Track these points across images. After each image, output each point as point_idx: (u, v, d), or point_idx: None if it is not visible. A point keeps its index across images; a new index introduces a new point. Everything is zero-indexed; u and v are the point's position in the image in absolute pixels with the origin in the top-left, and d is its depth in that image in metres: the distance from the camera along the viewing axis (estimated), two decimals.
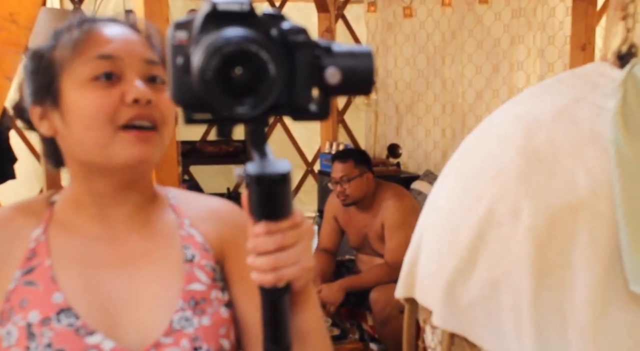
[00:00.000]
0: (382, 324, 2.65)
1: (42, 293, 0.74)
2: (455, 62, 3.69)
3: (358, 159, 2.81)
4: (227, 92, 0.52)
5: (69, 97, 0.74)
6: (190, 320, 0.78)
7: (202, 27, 0.54)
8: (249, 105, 0.52)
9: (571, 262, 1.08)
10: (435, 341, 1.29)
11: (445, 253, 1.21)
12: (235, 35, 0.51)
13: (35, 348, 0.71)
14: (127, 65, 0.74)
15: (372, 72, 0.56)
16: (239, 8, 0.54)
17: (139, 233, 0.81)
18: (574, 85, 1.26)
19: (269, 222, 0.58)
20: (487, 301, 1.14)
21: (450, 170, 1.35)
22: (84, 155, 0.75)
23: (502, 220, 1.15)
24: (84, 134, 0.73)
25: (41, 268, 0.75)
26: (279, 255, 0.58)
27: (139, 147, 0.73)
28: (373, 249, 2.88)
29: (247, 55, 0.51)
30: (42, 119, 0.78)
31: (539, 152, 1.16)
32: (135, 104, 0.72)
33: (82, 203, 0.79)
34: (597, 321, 1.04)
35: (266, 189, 0.57)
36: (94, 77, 0.73)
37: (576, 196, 1.10)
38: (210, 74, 0.51)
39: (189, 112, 0.56)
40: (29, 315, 0.73)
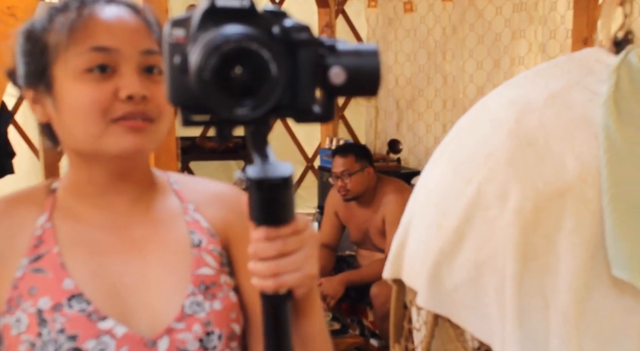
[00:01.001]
0: (383, 319, 2.64)
1: (52, 280, 0.73)
2: (456, 57, 3.67)
3: (359, 154, 2.81)
4: (226, 92, 0.49)
5: (61, 86, 0.72)
6: (201, 304, 0.77)
7: (201, 25, 0.51)
8: (249, 106, 0.50)
9: (556, 246, 1.07)
10: (420, 322, 1.28)
11: (432, 235, 1.21)
12: (234, 33, 0.48)
13: (47, 333, 0.70)
14: (123, 57, 0.72)
15: (379, 72, 0.53)
16: (239, 4, 0.52)
17: (143, 220, 0.80)
18: (569, 69, 1.25)
19: (269, 228, 0.56)
20: (471, 283, 1.14)
21: (442, 152, 1.35)
22: (76, 145, 0.75)
23: (490, 203, 1.14)
24: (76, 125, 0.72)
25: (49, 256, 0.75)
26: (280, 262, 0.57)
27: (131, 137, 0.72)
28: (374, 244, 2.87)
29: (247, 54, 0.49)
30: (35, 103, 0.76)
31: (529, 135, 1.15)
32: (129, 100, 0.71)
33: (83, 190, 0.79)
34: (579, 306, 1.04)
35: (267, 193, 0.54)
36: (87, 69, 0.71)
37: (564, 181, 1.09)
38: (209, 73, 0.48)
39: (186, 114, 0.54)
40: (39, 302, 0.72)
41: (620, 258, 0.98)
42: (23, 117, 3.69)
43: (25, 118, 3.70)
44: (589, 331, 1.03)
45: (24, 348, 0.70)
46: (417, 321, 1.31)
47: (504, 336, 1.08)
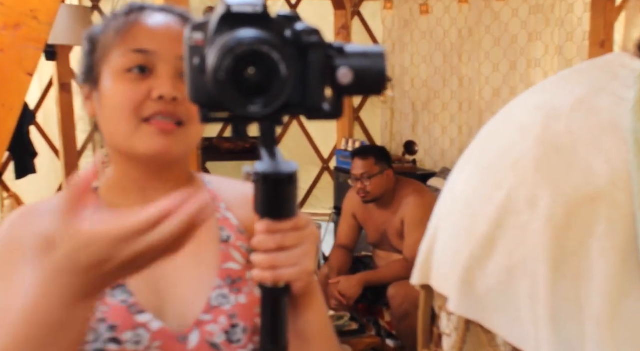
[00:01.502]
0: (400, 319, 2.65)
1: None
2: (472, 59, 3.68)
3: (379, 156, 2.83)
4: (239, 91, 0.53)
5: (105, 83, 0.78)
6: (227, 297, 0.80)
7: (217, 29, 0.55)
8: (261, 104, 0.53)
9: (588, 251, 1.08)
10: (450, 328, 1.29)
11: (462, 240, 1.22)
12: (247, 36, 0.52)
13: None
14: (161, 59, 0.76)
15: (385, 73, 0.57)
16: (252, 10, 0.55)
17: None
18: (594, 75, 1.26)
19: (270, 221, 0.59)
20: (503, 288, 1.15)
21: (467, 159, 1.36)
22: (113, 141, 0.79)
23: (520, 209, 1.15)
24: (113, 121, 0.77)
25: None
26: (278, 255, 0.59)
27: (160, 139, 0.75)
28: (392, 246, 2.89)
29: (259, 56, 0.53)
30: (87, 99, 0.82)
31: (557, 141, 1.16)
32: (160, 100, 0.75)
33: (125, 187, 0.82)
34: (613, 310, 1.04)
35: (271, 188, 0.58)
36: (127, 69, 0.76)
37: (594, 186, 1.10)
38: (223, 73, 0.52)
39: (205, 111, 0.57)
40: None
41: None
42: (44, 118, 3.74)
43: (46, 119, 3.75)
44: (624, 335, 1.04)
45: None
46: (448, 326, 1.33)
47: (537, 340, 1.09)
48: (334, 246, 3.08)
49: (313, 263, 0.64)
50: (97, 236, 0.55)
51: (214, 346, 0.78)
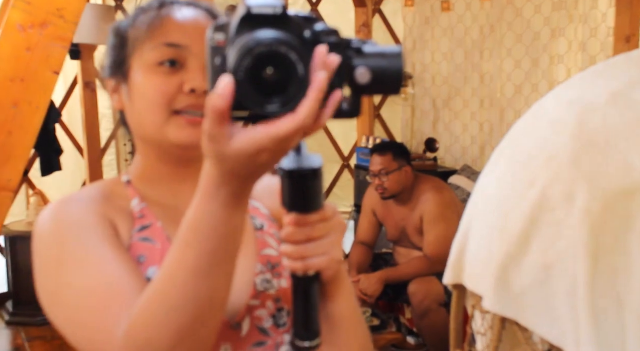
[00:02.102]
0: (421, 316, 2.65)
1: (159, 250, 0.77)
2: (493, 56, 3.66)
3: (397, 152, 2.82)
4: (258, 91, 0.54)
5: (135, 77, 0.78)
6: (270, 282, 0.81)
7: (238, 29, 0.56)
8: (279, 103, 0.54)
9: (627, 246, 1.07)
10: (485, 327, 1.29)
11: (496, 238, 1.21)
12: (266, 37, 0.53)
13: None
14: (192, 54, 0.77)
15: (402, 73, 0.58)
16: (272, 11, 0.56)
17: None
18: (628, 69, 1.25)
19: (299, 214, 0.62)
20: (540, 286, 1.14)
21: (499, 157, 1.35)
22: (143, 132, 0.80)
23: (556, 205, 1.14)
24: (144, 114, 0.78)
25: (155, 228, 0.79)
26: (308, 246, 0.62)
27: (190, 131, 0.76)
28: (411, 242, 2.88)
29: (277, 57, 0.54)
30: (114, 93, 0.83)
31: (593, 136, 1.15)
32: (192, 93, 0.76)
33: (154, 177, 0.83)
34: None
35: (297, 183, 0.60)
36: (159, 63, 0.77)
37: (632, 180, 1.09)
38: (242, 73, 0.53)
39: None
40: (148, 270, 0.76)
41: None
42: (68, 116, 3.78)
43: (71, 117, 3.79)
44: None
45: None
46: (482, 326, 1.32)
47: (578, 338, 1.08)
48: (354, 243, 3.09)
49: (341, 252, 0.66)
50: (261, 141, 0.54)
51: (263, 331, 0.79)
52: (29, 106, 2.14)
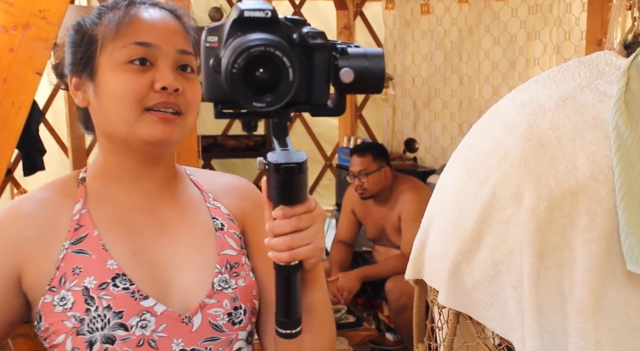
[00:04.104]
0: (398, 313, 2.70)
1: (95, 261, 0.80)
2: (472, 58, 3.72)
3: (376, 153, 2.87)
4: (250, 89, 0.58)
5: (104, 75, 0.80)
6: (228, 282, 0.85)
7: (231, 32, 0.61)
8: (269, 101, 0.59)
9: (571, 243, 1.12)
10: (442, 321, 1.34)
11: (451, 235, 1.26)
12: (258, 39, 0.58)
13: (95, 310, 0.77)
14: (162, 53, 0.80)
15: (383, 73, 0.63)
16: (263, 15, 0.61)
17: (171, 205, 0.88)
18: (580, 73, 1.30)
19: (285, 207, 0.64)
20: (490, 281, 1.19)
21: (457, 155, 1.40)
22: (110, 129, 0.82)
23: (505, 204, 1.19)
24: (113, 111, 0.80)
25: (90, 238, 0.82)
26: (294, 236, 0.65)
27: (161, 127, 0.79)
28: (390, 241, 2.94)
29: (268, 58, 0.58)
30: (78, 90, 0.84)
31: (542, 137, 1.20)
32: (163, 91, 0.79)
33: (115, 175, 0.85)
34: (595, 300, 1.08)
35: (283, 176, 0.63)
36: (129, 61, 0.79)
37: (577, 180, 1.14)
38: (236, 72, 0.58)
39: (219, 108, 0.64)
40: (84, 281, 0.79)
41: (635, 253, 1.03)
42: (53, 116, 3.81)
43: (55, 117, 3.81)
44: (606, 325, 1.08)
45: (71, 323, 0.77)
46: (440, 320, 1.37)
47: (523, 331, 1.13)
48: (334, 241, 3.14)
49: (323, 241, 0.70)
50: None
51: (216, 327, 0.83)
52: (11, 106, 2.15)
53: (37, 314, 0.80)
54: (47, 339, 0.80)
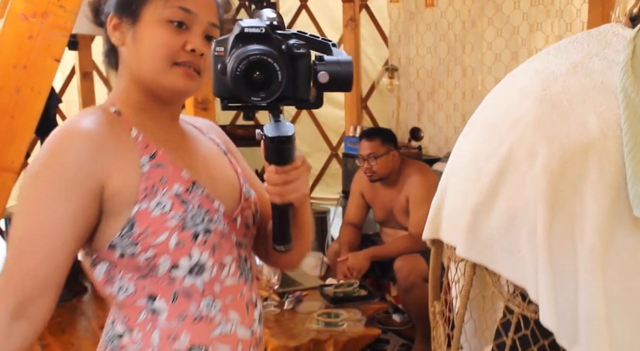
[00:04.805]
0: (406, 291, 2.79)
1: (173, 172, 0.94)
2: (475, 50, 3.81)
3: (385, 138, 2.97)
4: (248, 87, 0.79)
5: (145, 25, 0.93)
6: (249, 191, 1.05)
7: (234, 44, 0.81)
8: (262, 97, 0.79)
9: (582, 195, 1.21)
10: (458, 275, 1.43)
11: (469, 192, 1.35)
12: (255, 50, 0.79)
13: (190, 209, 0.93)
14: (198, 21, 0.94)
15: (352, 75, 0.82)
16: (259, 31, 0.81)
17: (184, 136, 1.04)
18: (588, 43, 1.39)
19: (277, 166, 0.86)
20: (506, 232, 1.27)
21: (472, 124, 1.49)
22: (139, 71, 0.95)
23: (520, 161, 1.28)
24: (146, 58, 0.93)
25: (160, 155, 0.95)
26: (284, 187, 0.87)
27: (184, 80, 0.93)
28: (398, 223, 3.02)
29: (263, 64, 0.78)
30: (116, 30, 0.96)
31: (554, 100, 1.29)
32: (192, 53, 0.93)
33: (142, 109, 0.98)
34: (604, 245, 1.16)
35: (275, 146, 0.83)
36: (170, 20, 0.92)
37: (587, 137, 1.23)
38: (238, 75, 0.78)
39: (225, 102, 0.85)
40: (173, 188, 0.93)
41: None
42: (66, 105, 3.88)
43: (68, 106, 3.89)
44: (613, 267, 1.16)
45: (175, 222, 0.91)
46: (456, 274, 1.46)
47: (536, 277, 1.22)
48: (343, 224, 3.22)
49: (307, 188, 0.92)
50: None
51: (247, 226, 1.04)
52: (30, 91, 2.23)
53: (128, 222, 0.90)
54: (140, 243, 0.90)
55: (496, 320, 1.34)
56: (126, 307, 0.95)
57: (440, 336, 1.50)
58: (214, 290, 0.96)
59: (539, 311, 1.17)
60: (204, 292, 0.95)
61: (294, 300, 2.32)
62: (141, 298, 0.94)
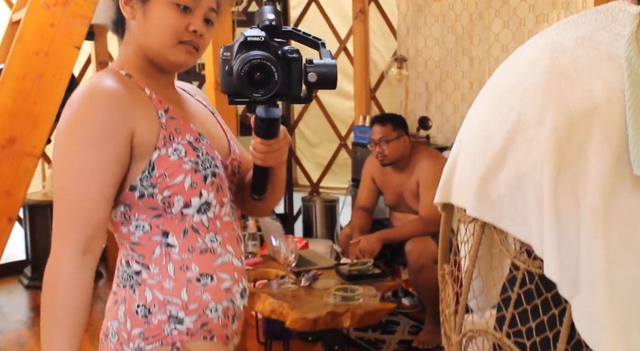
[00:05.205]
0: (417, 273, 2.86)
1: (183, 124, 1.10)
2: (482, 41, 3.88)
3: (396, 123, 3.04)
4: (250, 85, 0.96)
5: (155, 5, 1.08)
6: (233, 146, 1.23)
7: (238, 49, 0.99)
8: (261, 93, 0.97)
9: (586, 155, 1.27)
10: (468, 235, 1.50)
11: (479, 156, 1.42)
12: (256, 55, 0.97)
13: (201, 154, 1.11)
14: (201, 6, 1.09)
15: (336, 76, 1.00)
16: (259, 39, 0.99)
17: (180, 99, 1.20)
18: (596, 18, 1.47)
19: (263, 140, 1.06)
20: (514, 192, 1.34)
21: (483, 94, 1.57)
22: (146, 43, 1.10)
23: (529, 126, 1.35)
24: (155, 34, 1.08)
25: (172, 109, 1.11)
26: (267, 154, 1.09)
27: (185, 56, 1.10)
28: (408, 207, 3.09)
29: (263, 66, 0.96)
30: (127, 4, 1.11)
31: (562, 69, 1.36)
32: (194, 33, 1.08)
33: (146, 74, 1.13)
34: (606, 203, 1.23)
35: (266, 125, 1.03)
36: (177, 3, 1.07)
37: (593, 102, 1.30)
38: (242, 75, 0.96)
39: (231, 97, 1.02)
40: (185, 137, 1.09)
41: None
42: None
43: None
44: (614, 223, 1.23)
45: (189, 165, 1.08)
46: (465, 234, 1.54)
47: (541, 233, 1.29)
48: (355, 208, 3.30)
49: (285, 156, 1.13)
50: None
51: (234, 174, 1.23)
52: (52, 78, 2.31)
53: (149, 165, 1.06)
54: (159, 184, 1.06)
55: (503, 277, 1.41)
56: (141, 245, 1.10)
57: (448, 296, 1.57)
58: (216, 226, 1.14)
59: (543, 267, 1.24)
60: (208, 228, 1.12)
61: (310, 278, 2.39)
62: (156, 235, 1.09)
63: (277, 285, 2.38)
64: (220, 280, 1.13)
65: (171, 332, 1.08)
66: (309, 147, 4.73)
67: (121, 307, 1.10)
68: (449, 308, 1.56)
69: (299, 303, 2.20)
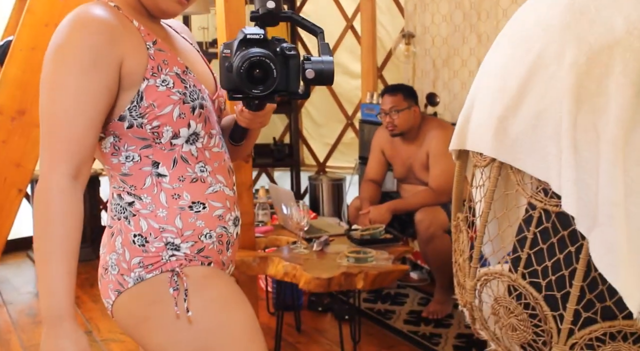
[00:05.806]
0: (427, 242, 2.85)
1: (171, 56, 1.11)
2: (490, 17, 3.85)
3: (406, 93, 3.04)
4: (250, 81, 0.99)
5: None
6: (219, 83, 1.19)
7: (238, 47, 1.01)
8: (261, 90, 1.00)
9: (606, 88, 1.26)
10: (483, 179, 1.49)
11: (496, 97, 1.41)
12: (255, 52, 0.99)
13: (189, 87, 1.11)
14: None
15: (333, 72, 1.02)
16: (258, 37, 1.01)
17: (170, 35, 1.22)
18: None
19: (250, 111, 1.12)
20: (533, 130, 1.33)
21: (501, 38, 1.56)
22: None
23: (549, 63, 1.34)
24: None
25: (159, 42, 1.11)
26: (251, 120, 1.17)
27: (176, 6, 1.13)
28: (417, 178, 3.08)
29: (262, 63, 0.98)
30: None
31: (582, 7, 1.35)
32: None
33: (139, 10, 1.15)
34: (626, 135, 1.22)
35: (253, 106, 1.09)
36: None
37: (613, 36, 1.29)
38: (242, 72, 0.98)
39: (231, 94, 1.03)
40: (173, 69, 1.10)
41: None
42: None
43: None
44: (633, 156, 1.22)
45: (177, 97, 1.09)
46: (481, 179, 1.52)
47: (560, 167, 1.28)
48: (364, 180, 3.29)
49: (267, 121, 1.19)
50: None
51: (220, 110, 1.26)
52: None
53: (138, 95, 1.06)
54: (148, 114, 1.07)
55: (518, 218, 1.40)
56: (132, 176, 1.11)
57: (463, 243, 1.56)
58: (205, 156, 1.15)
59: (560, 204, 1.23)
60: (197, 158, 1.14)
61: (322, 243, 2.39)
62: (146, 165, 1.10)
63: (288, 251, 2.37)
64: (212, 208, 1.14)
65: (169, 259, 1.10)
66: (316, 126, 4.72)
67: (118, 238, 1.12)
68: (462, 255, 1.55)
69: (312, 265, 2.19)
